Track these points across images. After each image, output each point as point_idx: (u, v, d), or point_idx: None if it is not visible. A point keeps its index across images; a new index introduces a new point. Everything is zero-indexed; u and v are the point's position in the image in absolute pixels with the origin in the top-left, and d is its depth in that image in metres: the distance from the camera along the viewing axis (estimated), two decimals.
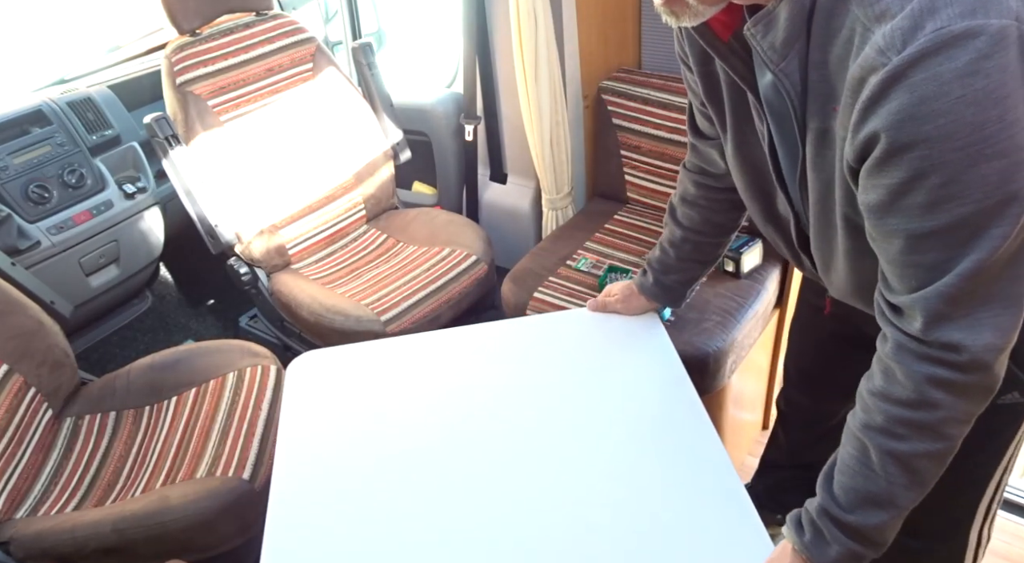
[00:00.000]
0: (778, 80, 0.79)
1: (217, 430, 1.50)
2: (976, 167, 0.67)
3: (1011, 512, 1.73)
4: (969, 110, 0.65)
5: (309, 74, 2.10)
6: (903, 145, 0.68)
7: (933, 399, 0.76)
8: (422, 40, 3.59)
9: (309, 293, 1.91)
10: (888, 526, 0.82)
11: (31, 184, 1.84)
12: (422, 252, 2.05)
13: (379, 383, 1.25)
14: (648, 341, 1.26)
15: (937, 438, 0.78)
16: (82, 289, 1.94)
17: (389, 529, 0.99)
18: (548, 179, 2.09)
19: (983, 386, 0.76)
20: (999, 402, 0.92)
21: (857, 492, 0.81)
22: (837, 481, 0.83)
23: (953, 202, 0.68)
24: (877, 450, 0.79)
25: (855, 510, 0.81)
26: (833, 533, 0.83)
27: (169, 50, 1.90)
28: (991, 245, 0.69)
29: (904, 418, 0.78)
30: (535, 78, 1.93)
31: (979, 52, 0.64)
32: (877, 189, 0.72)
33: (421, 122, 2.39)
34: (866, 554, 0.83)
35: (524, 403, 1.17)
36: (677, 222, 1.24)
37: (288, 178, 2.05)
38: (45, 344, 1.59)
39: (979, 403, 0.78)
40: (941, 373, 0.75)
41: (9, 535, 1.33)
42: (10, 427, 1.48)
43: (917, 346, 0.76)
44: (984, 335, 0.73)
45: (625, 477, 1.03)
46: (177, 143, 1.85)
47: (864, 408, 0.81)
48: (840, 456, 0.84)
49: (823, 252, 0.94)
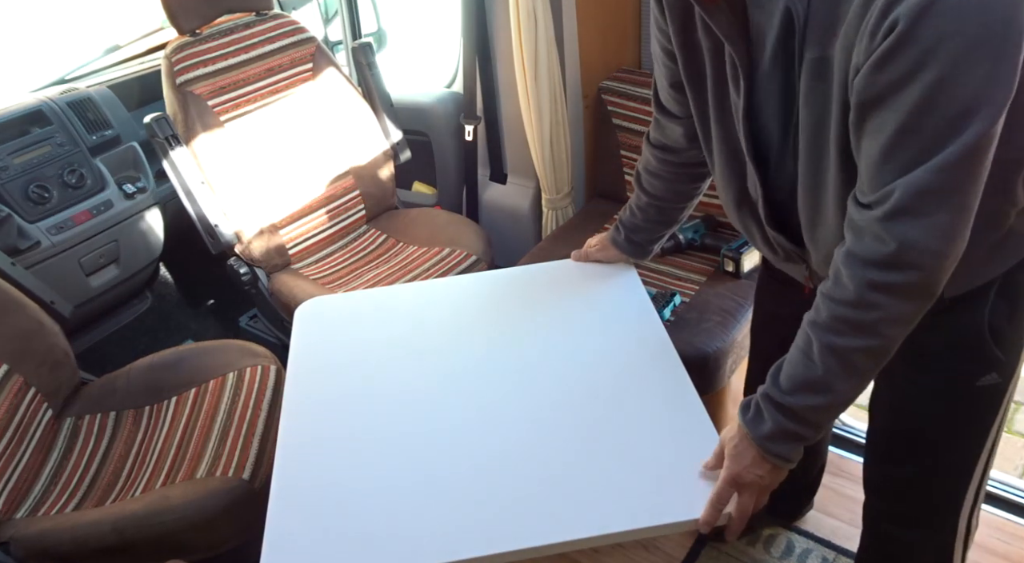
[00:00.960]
0: (791, 3, 0.78)
1: (217, 430, 1.50)
2: (974, 68, 0.69)
3: (1011, 512, 1.73)
4: (978, 9, 0.67)
5: (309, 74, 2.10)
6: (911, 40, 0.69)
7: (872, 300, 0.80)
8: (422, 40, 3.60)
9: (309, 293, 1.91)
10: (821, 409, 0.87)
11: (31, 184, 1.84)
12: (422, 252, 2.05)
13: (375, 338, 1.32)
14: (648, 340, 1.27)
15: (874, 336, 0.82)
16: (82, 289, 1.94)
17: (389, 501, 1.02)
18: (548, 179, 2.09)
19: (921, 288, 0.79)
20: (979, 384, 0.98)
21: (796, 378, 0.87)
22: (783, 370, 0.89)
23: (944, 97, 0.71)
24: (818, 343, 0.84)
25: (793, 393, 0.87)
26: (770, 412, 0.89)
27: (169, 50, 1.90)
28: (965, 142, 0.71)
29: (844, 316, 0.82)
30: (535, 78, 1.93)
31: None
32: (877, 85, 0.74)
33: (421, 122, 2.39)
34: (798, 432, 0.88)
35: (515, 374, 1.22)
36: (643, 189, 1.30)
37: (288, 178, 2.05)
38: (45, 344, 1.59)
39: (917, 306, 0.81)
40: (882, 276, 0.79)
41: (9, 535, 1.33)
42: (10, 427, 1.48)
43: (864, 247, 0.79)
44: (934, 238, 0.76)
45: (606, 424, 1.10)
46: (177, 143, 1.85)
47: (815, 306, 0.86)
48: (790, 349, 0.89)
49: (811, 202, 0.92)
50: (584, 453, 1.06)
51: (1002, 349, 0.96)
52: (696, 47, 0.97)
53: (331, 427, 1.16)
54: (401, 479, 1.05)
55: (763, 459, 0.90)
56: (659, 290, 1.68)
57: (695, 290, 1.73)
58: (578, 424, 1.11)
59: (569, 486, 1.02)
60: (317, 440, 1.14)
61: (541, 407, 1.15)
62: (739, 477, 0.91)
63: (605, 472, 1.03)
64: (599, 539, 0.96)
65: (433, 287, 1.47)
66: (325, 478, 1.07)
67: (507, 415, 1.14)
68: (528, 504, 1.00)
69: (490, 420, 1.13)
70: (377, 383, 1.23)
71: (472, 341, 1.30)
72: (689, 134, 1.14)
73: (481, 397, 1.18)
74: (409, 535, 0.98)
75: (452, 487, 1.03)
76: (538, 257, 1.89)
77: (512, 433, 1.11)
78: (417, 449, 1.10)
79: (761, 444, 0.89)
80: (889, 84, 0.73)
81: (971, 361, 0.98)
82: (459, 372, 1.23)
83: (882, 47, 0.71)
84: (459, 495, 1.02)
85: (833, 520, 1.71)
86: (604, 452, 1.06)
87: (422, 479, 1.05)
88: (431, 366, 1.25)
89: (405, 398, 1.19)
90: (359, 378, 1.24)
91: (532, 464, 1.05)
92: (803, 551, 1.69)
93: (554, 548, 0.95)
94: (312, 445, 1.13)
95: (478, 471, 1.05)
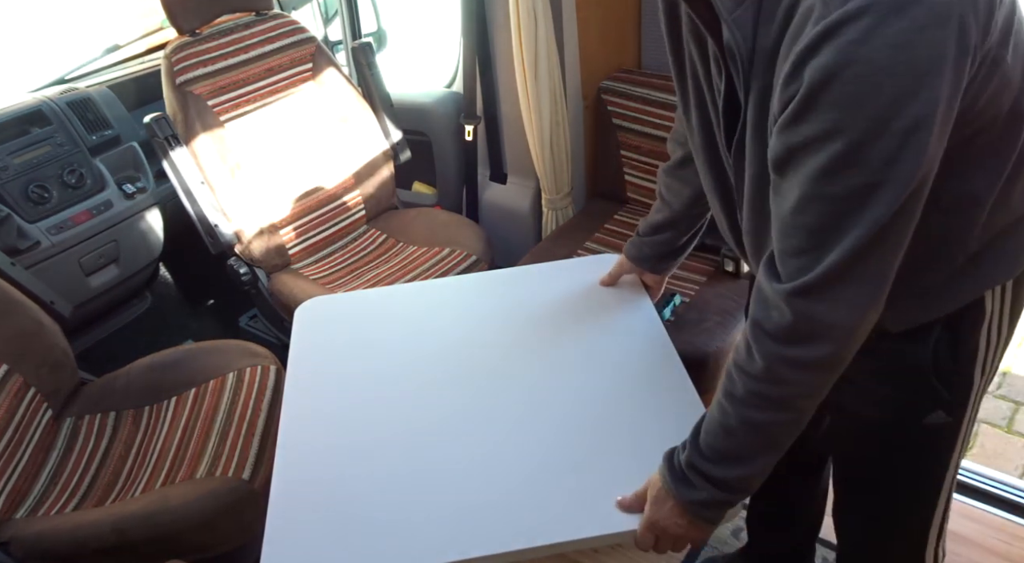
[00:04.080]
0: (730, 31, 0.75)
1: (217, 430, 1.50)
2: (879, 140, 0.66)
3: (1011, 512, 1.73)
4: (889, 81, 0.64)
5: (309, 74, 2.10)
6: (820, 103, 0.66)
7: (782, 375, 0.79)
8: (422, 40, 3.60)
9: (309, 293, 1.91)
10: (748, 477, 0.87)
11: (31, 184, 1.84)
12: (422, 252, 2.05)
13: (375, 338, 1.33)
14: (648, 340, 1.27)
15: (790, 410, 0.82)
16: (82, 289, 1.94)
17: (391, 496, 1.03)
18: (548, 179, 2.09)
19: (832, 362, 0.78)
20: (925, 422, 0.94)
21: (719, 450, 0.86)
22: (703, 439, 0.87)
23: (849, 170, 0.68)
24: (737, 417, 0.83)
25: (719, 464, 0.86)
26: (700, 482, 0.87)
27: (169, 50, 1.90)
28: (873, 219, 0.69)
29: (758, 391, 0.81)
30: (535, 78, 1.93)
31: (915, 22, 0.62)
32: (784, 145, 0.71)
33: (421, 122, 2.39)
34: (730, 499, 0.88)
35: (517, 377, 1.22)
36: (661, 195, 1.25)
37: (288, 178, 2.05)
38: (45, 344, 1.59)
39: (828, 378, 0.80)
40: (790, 351, 0.77)
41: (9, 535, 1.33)
42: (10, 427, 1.48)
43: (770, 321, 0.78)
44: (845, 315, 0.74)
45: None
46: (177, 143, 1.85)
47: (728, 376, 0.84)
48: (707, 417, 0.88)
49: (755, 229, 0.89)
50: (585, 453, 1.06)
51: (947, 387, 0.92)
52: (681, 42, 0.93)
53: (331, 427, 1.16)
54: (402, 478, 1.05)
55: (684, 512, 0.89)
56: None
57: (695, 290, 1.73)
58: (580, 423, 1.12)
59: (571, 485, 1.02)
60: (317, 440, 1.14)
61: (542, 406, 1.15)
62: (657, 523, 0.91)
63: (606, 472, 1.03)
64: (601, 539, 0.96)
65: (432, 287, 1.48)
66: (326, 478, 1.07)
67: (506, 415, 1.14)
68: (529, 503, 1.00)
69: (490, 420, 1.13)
70: (377, 383, 1.23)
71: (472, 341, 1.30)
72: None
73: (481, 396, 1.18)
74: (409, 534, 0.98)
75: (453, 486, 1.04)
76: (538, 257, 1.89)
77: (512, 433, 1.11)
78: (418, 448, 1.10)
79: (692, 510, 0.89)
80: (794, 147, 0.70)
81: (915, 396, 0.94)
82: (459, 372, 1.23)
83: (790, 108, 0.69)
84: (460, 494, 1.02)
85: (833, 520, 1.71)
86: (605, 452, 1.06)
87: (423, 478, 1.05)
88: (431, 366, 1.25)
89: (405, 398, 1.19)
90: (359, 378, 1.24)
91: (532, 463, 1.05)
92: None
93: (557, 548, 0.95)
94: (312, 445, 1.13)
95: (479, 470, 1.05)
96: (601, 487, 1.00)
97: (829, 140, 0.67)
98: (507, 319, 1.34)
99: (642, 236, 1.29)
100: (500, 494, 1.01)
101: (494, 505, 1.00)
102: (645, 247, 1.30)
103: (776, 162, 0.74)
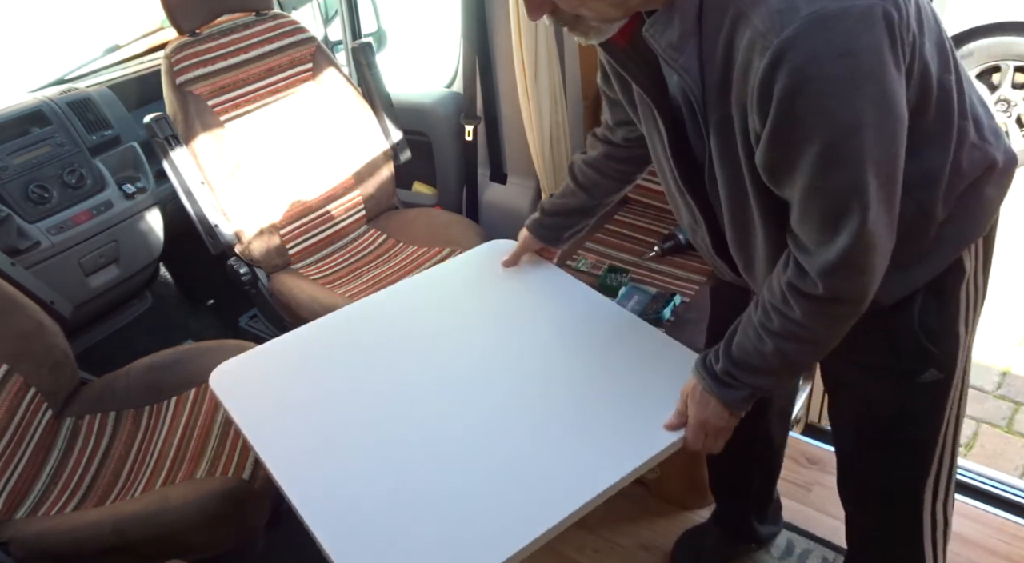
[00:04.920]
0: (680, 76, 0.84)
1: (217, 430, 1.50)
2: (853, 135, 0.76)
3: (1011, 512, 1.73)
4: (844, 88, 0.73)
5: (309, 74, 2.10)
6: (791, 121, 0.76)
7: (817, 324, 0.91)
8: (422, 40, 3.60)
9: (309, 293, 1.91)
10: (776, 383, 1.02)
11: (31, 184, 1.84)
12: (422, 252, 2.05)
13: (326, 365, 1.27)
14: (587, 303, 1.35)
15: (814, 345, 0.95)
16: (82, 289, 1.94)
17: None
18: (548, 179, 2.09)
19: (858, 310, 0.91)
20: (919, 380, 1.04)
21: (753, 365, 0.98)
22: (736, 355, 0.99)
23: (832, 165, 0.78)
24: (771, 345, 0.95)
25: (753, 374, 0.99)
26: (738, 384, 1.00)
27: (169, 50, 1.90)
28: (865, 202, 0.80)
29: (794, 332, 0.92)
30: (535, 78, 1.93)
31: (849, 32, 0.72)
32: (772, 157, 0.82)
33: (421, 122, 2.38)
34: (760, 395, 1.02)
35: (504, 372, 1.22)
36: (575, 178, 1.34)
37: (288, 178, 2.05)
38: (45, 344, 1.59)
39: (850, 324, 0.93)
40: (825, 308, 0.89)
41: (9, 535, 1.33)
42: (10, 427, 1.48)
43: (807, 286, 0.88)
44: (868, 283, 0.87)
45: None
46: (177, 143, 1.85)
47: (765, 313, 0.95)
48: (740, 338, 0.99)
49: (742, 249, 1.01)
50: (582, 413, 1.11)
51: (935, 344, 1.01)
52: (627, 80, 1.01)
53: (321, 460, 1.10)
54: (428, 489, 1.03)
55: (726, 407, 1.01)
56: (659, 290, 1.68)
57: (695, 290, 1.73)
58: (566, 393, 1.15)
59: (587, 440, 1.06)
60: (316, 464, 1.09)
61: (523, 393, 1.17)
62: (706, 421, 1.03)
63: (613, 415, 1.09)
64: (651, 461, 1.03)
65: (341, 317, 1.37)
66: (343, 489, 1.04)
67: (495, 407, 1.15)
68: (521, 488, 1.01)
69: (483, 413, 1.14)
70: (341, 407, 1.17)
71: (409, 358, 1.25)
72: (623, 117, 1.20)
73: (440, 404, 1.16)
74: (468, 531, 0.97)
75: (472, 487, 1.03)
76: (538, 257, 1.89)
77: (506, 421, 1.12)
78: (404, 457, 1.08)
79: (734, 405, 1.01)
80: (783, 155, 0.80)
81: (910, 359, 1.03)
82: (421, 385, 1.20)
83: (767, 127, 0.78)
84: (457, 497, 1.01)
85: (833, 520, 1.71)
86: (603, 405, 1.12)
87: (447, 485, 1.04)
88: (382, 390, 1.20)
89: (379, 423, 1.14)
90: (318, 413, 1.17)
91: (543, 439, 1.08)
92: (803, 551, 1.69)
93: (609, 492, 1.00)
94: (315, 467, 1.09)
95: (466, 470, 1.05)
96: (618, 425, 1.08)
97: (809, 144, 0.77)
98: (435, 329, 1.31)
99: (551, 216, 1.38)
100: (530, 472, 1.03)
101: (528, 482, 1.02)
102: (555, 228, 1.40)
103: (771, 170, 0.84)
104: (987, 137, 0.94)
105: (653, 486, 1.83)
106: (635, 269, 1.79)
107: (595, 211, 1.38)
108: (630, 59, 0.94)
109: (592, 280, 1.78)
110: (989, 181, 0.95)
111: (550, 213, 1.39)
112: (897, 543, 1.25)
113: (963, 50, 3.18)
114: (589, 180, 1.33)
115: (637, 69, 0.94)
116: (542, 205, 1.41)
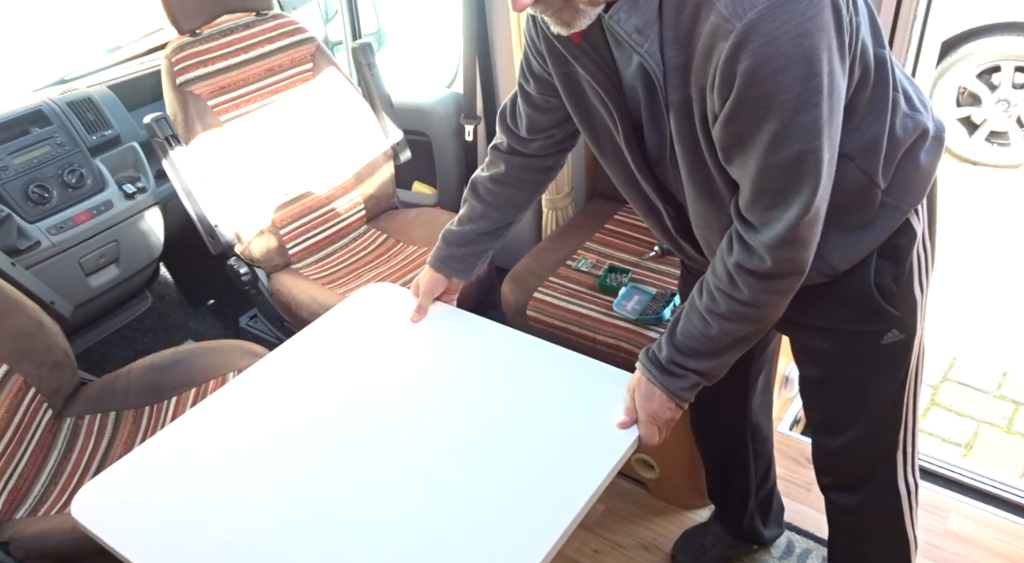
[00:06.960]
0: (644, 61, 0.87)
1: None
2: (805, 112, 0.81)
3: (1011, 512, 1.73)
4: (800, 67, 0.79)
5: (309, 74, 2.10)
6: (751, 99, 0.81)
7: (765, 300, 0.97)
8: (422, 40, 3.60)
9: (309, 293, 1.91)
10: (721, 366, 1.04)
11: (31, 184, 1.84)
12: (422, 252, 2.06)
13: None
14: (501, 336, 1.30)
15: (761, 323, 1.00)
16: (82, 289, 1.94)
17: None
18: None
19: (797, 286, 0.97)
20: (883, 342, 1.10)
21: (698, 350, 1.02)
22: (680, 341, 1.03)
23: (788, 141, 0.83)
24: (717, 327, 0.99)
25: (698, 359, 1.02)
26: (683, 372, 1.03)
27: (169, 50, 1.90)
28: (816, 174, 0.86)
29: (742, 313, 0.98)
30: None
31: (804, 15, 0.77)
32: (731, 135, 0.86)
33: (421, 122, 2.39)
34: (707, 382, 1.05)
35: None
36: (479, 197, 1.31)
37: (288, 178, 2.05)
38: (45, 344, 1.59)
39: (791, 296, 0.98)
40: (773, 285, 0.95)
41: (9, 535, 1.33)
42: (10, 427, 1.48)
43: (754, 264, 0.93)
44: (808, 254, 0.93)
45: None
46: (177, 143, 1.85)
47: (710, 297, 0.99)
48: (684, 325, 1.03)
49: (705, 230, 1.04)
50: (527, 446, 1.08)
51: (894, 305, 1.06)
52: (574, 78, 1.02)
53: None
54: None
55: (671, 397, 1.05)
56: (659, 290, 1.68)
57: None
58: (501, 429, 1.10)
59: (541, 471, 1.03)
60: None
61: (454, 436, 1.11)
62: (655, 414, 1.06)
63: (561, 445, 1.07)
64: (613, 470, 1.02)
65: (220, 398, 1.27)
66: None
67: (438, 449, 1.09)
68: (528, 501, 1.00)
69: (426, 461, 1.07)
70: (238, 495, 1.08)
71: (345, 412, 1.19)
72: (547, 124, 1.20)
73: (390, 456, 1.09)
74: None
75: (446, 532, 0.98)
76: (538, 257, 1.89)
77: (457, 462, 1.06)
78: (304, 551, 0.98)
79: (679, 394, 1.04)
80: (740, 133, 0.85)
81: (870, 322, 1.09)
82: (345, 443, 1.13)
83: (728, 106, 0.83)
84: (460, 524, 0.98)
85: None
86: (543, 438, 1.08)
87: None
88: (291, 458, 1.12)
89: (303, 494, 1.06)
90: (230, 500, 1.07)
91: (498, 479, 1.03)
92: (803, 551, 1.69)
93: (582, 512, 0.98)
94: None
95: (465, 497, 1.01)
96: (570, 450, 1.06)
97: (766, 122, 0.83)
98: (336, 386, 1.24)
99: (462, 246, 1.32)
100: (499, 509, 0.99)
101: (501, 519, 0.98)
102: (467, 258, 1.33)
103: (727, 148, 0.88)
104: (916, 107, 1.01)
105: (653, 486, 1.83)
106: (635, 269, 1.79)
107: (504, 232, 1.33)
108: (583, 53, 0.95)
109: (592, 280, 1.78)
110: (923, 148, 1.01)
111: (460, 243, 1.32)
112: (880, 517, 1.28)
113: (963, 50, 3.19)
114: (500, 199, 1.29)
115: (591, 63, 0.95)
116: (445, 237, 1.33)
